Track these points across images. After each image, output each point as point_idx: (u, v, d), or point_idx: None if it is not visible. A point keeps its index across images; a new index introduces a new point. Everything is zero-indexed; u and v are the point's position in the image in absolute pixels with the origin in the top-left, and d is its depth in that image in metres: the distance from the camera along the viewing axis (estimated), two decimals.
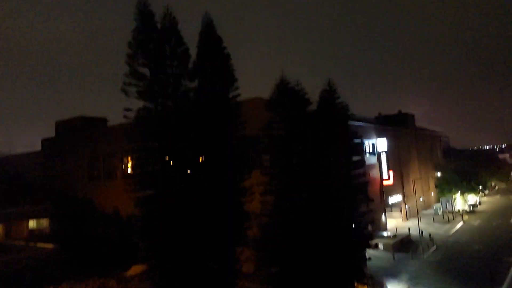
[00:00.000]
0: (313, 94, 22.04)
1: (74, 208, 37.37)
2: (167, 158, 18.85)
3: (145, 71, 18.49)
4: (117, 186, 34.69)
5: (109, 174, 40.61)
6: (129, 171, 36.32)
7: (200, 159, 19.55)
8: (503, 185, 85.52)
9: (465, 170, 60.30)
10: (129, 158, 34.05)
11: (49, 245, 34.02)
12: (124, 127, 19.04)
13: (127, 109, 18.01)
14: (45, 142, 49.84)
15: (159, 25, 18.64)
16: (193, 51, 19.50)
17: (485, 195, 72.09)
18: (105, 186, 39.93)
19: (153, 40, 18.31)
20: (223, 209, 18.60)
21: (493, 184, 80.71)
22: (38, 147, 51.16)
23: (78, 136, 45.18)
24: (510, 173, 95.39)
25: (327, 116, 21.91)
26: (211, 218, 18.21)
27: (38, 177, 48.33)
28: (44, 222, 42.01)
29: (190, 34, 19.65)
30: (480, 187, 65.98)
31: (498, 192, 79.60)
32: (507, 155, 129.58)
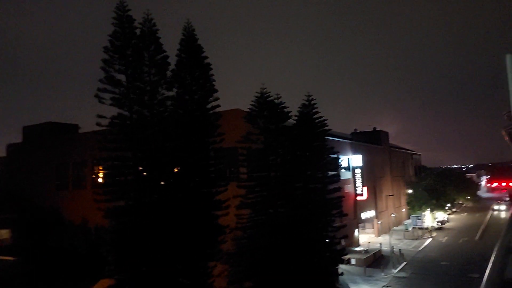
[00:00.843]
0: (292, 107, 22.17)
1: (39, 218, 35.56)
2: (140, 168, 18.29)
3: (121, 77, 18.02)
4: (87, 196, 33.25)
5: (79, 183, 39.08)
6: (99, 180, 35.02)
7: (175, 170, 19.07)
8: (469, 203, 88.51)
9: (434, 188, 61.96)
10: (101, 167, 32.87)
11: (10, 258, 32.06)
12: (96, 134, 18.31)
13: (100, 116, 17.43)
14: (10, 147, 47.48)
15: (138, 31, 18.28)
16: (172, 59, 19.22)
17: (452, 212, 74.28)
18: (74, 195, 38.33)
19: (131, 46, 17.92)
20: (197, 222, 18.12)
21: (460, 202, 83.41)
22: (2, 152, 48.75)
23: (46, 142, 43.33)
24: (476, 191, 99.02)
25: (305, 130, 22.00)
26: (184, 231, 17.68)
27: (1, 184, 45.90)
28: (5, 233, 39.71)
29: (171, 42, 19.37)
30: (448, 205, 67.99)
31: (465, 210, 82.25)
32: (474, 175, 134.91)
